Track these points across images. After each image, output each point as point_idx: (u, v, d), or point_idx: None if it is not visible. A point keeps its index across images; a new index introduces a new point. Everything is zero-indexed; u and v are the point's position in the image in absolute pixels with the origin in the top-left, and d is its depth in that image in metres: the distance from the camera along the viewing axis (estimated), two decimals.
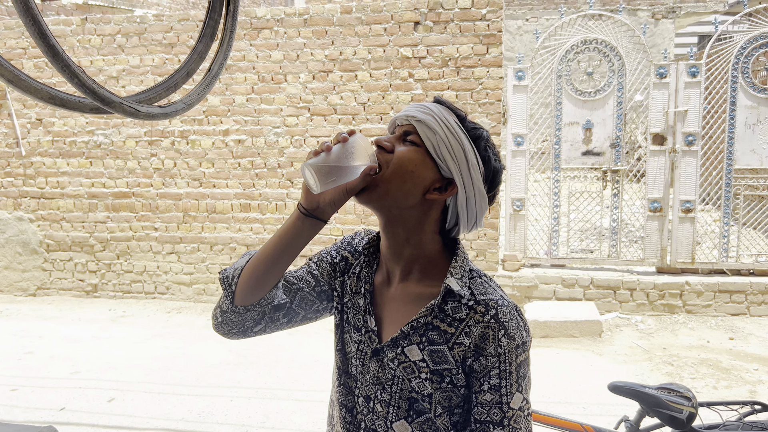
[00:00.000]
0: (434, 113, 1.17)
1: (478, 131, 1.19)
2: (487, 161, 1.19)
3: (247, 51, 6.16)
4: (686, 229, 5.93)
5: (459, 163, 1.15)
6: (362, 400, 1.23)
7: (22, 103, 6.64)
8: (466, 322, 1.14)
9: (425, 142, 1.15)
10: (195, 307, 6.42)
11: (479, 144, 1.18)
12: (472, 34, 5.77)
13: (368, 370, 1.22)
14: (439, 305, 1.16)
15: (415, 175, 1.15)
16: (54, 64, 1.13)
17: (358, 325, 1.26)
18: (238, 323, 1.28)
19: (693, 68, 5.78)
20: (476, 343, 1.12)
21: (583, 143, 6.03)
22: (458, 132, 1.16)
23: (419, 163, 1.16)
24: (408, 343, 1.17)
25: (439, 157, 1.15)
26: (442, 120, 1.16)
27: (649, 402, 2.13)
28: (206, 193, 6.42)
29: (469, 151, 1.16)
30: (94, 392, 4.37)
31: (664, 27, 13.56)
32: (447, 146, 1.15)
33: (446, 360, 1.14)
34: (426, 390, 1.15)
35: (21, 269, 6.88)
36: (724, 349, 5.09)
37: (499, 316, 1.13)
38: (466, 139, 1.17)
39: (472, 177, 1.16)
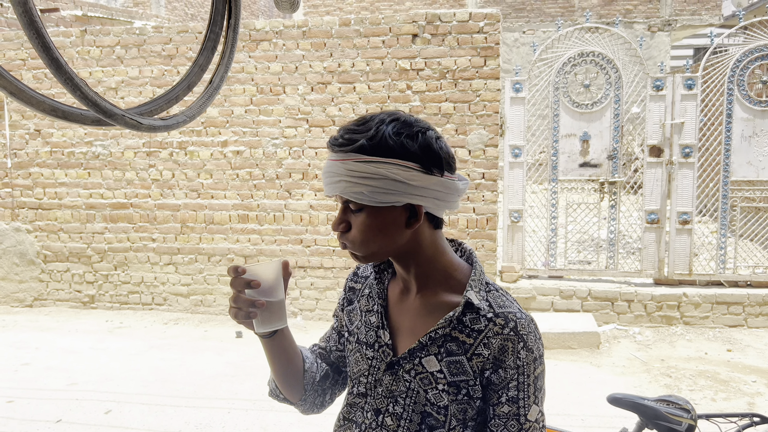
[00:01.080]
0: (342, 174, 1.12)
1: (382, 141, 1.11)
2: (412, 155, 1.12)
3: (246, 63, 6.19)
4: (683, 241, 5.95)
5: (400, 191, 1.11)
6: (371, 414, 1.23)
7: (21, 114, 6.65)
8: (485, 334, 1.14)
9: (364, 203, 1.13)
10: (192, 318, 6.41)
11: (393, 150, 1.11)
12: (469, 47, 5.80)
13: (381, 383, 1.22)
14: (459, 317, 1.17)
15: (383, 232, 1.15)
16: (57, 77, 1.13)
17: (370, 341, 1.26)
18: (309, 408, 1.41)
19: (689, 81, 5.82)
20: (495, 355, 1.13)
21: (580, 155, 6.05)
22: (371, 170, 1.10)
23: (377, 223, 1.14)
24: (426, 354, 1.17)
25: (383, 203, 1.12)
26: (351, 175, 1.11)
27: (648, 414, 2.13)
28: (204, 204, 6.42)
29: (394, 172, 1.10)
30: (91, 404, 4.35)
31: (660, 40, 13.65)
32: (378, 190, 1.11)
33: (464, 371, 1.15)
34: (442, 402, 1.16)
35: (18, 280, 6.86)
36: (722, 360, 5.09)
37: (518, 328, 1.13)
38: (382, 164, 1.10)
39: (419, 185, 1.12)
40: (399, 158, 1.11)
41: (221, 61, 1.60)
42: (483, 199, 5.93)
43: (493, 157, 5.89)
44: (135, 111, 1.39)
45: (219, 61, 1.59)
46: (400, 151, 1.11)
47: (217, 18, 1.58)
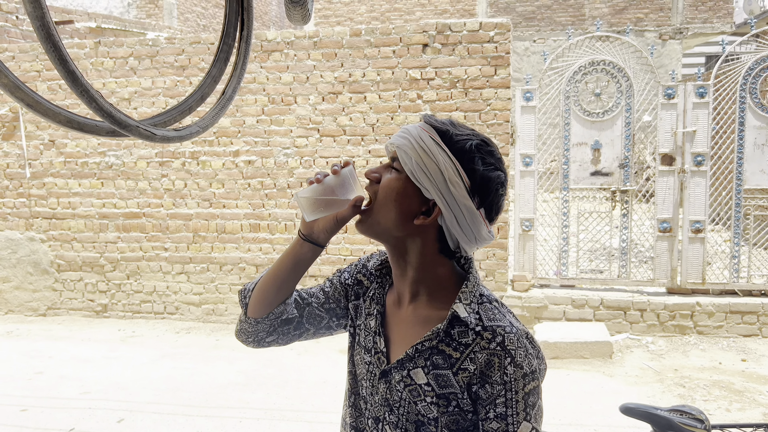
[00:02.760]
0: (411, 136, 1.15)
1: (462, 143, 1.14)
2: (472, 173, 1.13)
3: (258, 73, 6.24)
4: (696, 250, 5.91)
5: (437, 184, 1.12)
6: (372, 422, 1.24)
7: (36, 125, 6.72)
8: (472, 348, 1.12)
9: (404, 168, 1.15)
10: (204, 327, 6.43)
11: (463, 156, 1.14)
12: (480, 56, 5.81)
13: (377, 391, 1.22)
14: (446, 329, 1.15)
15: (398, 204, 1.16)
16: (73, 89, 1.15)
17: (368, 346, 1.27)
18: (252, 333, 1.34)
19: (701, 89, 5.80)
20: (481, 370, 1.11)
21: (591, 163, 6.04)
22: (433, 151, 1.13)
23: (401, 191, 1.16)
24: (413, 366, 1.17)
25: (417, 181, 1.14)
26: (417, 142, 1.14)
27: (661, 424, 2.12)
28: (216, 213, 6.45)
29: (447, 168, 1.12)
30: (104, 413, 4.37)
31: (672, 48, 13.61)
32: (423, 168, 1.13)
33: (451, 384, 1.13)
34: (432, 414, 1.15)
35: (32, 289, 6.92)
36: (737, 370, 5.04)
37: (505, 343, 1.11)
38: (444, 156, 1.13)
39: (454, 195, 1.12)
40: (461, 164, 1.13)
41: (234, 72, 1.62)
42: None
43: None
44: (149, 122, 1.41)
45: (232, 72, 1.61)
46: (467, 162, 1.13)
47: (230, 30, 1.60)
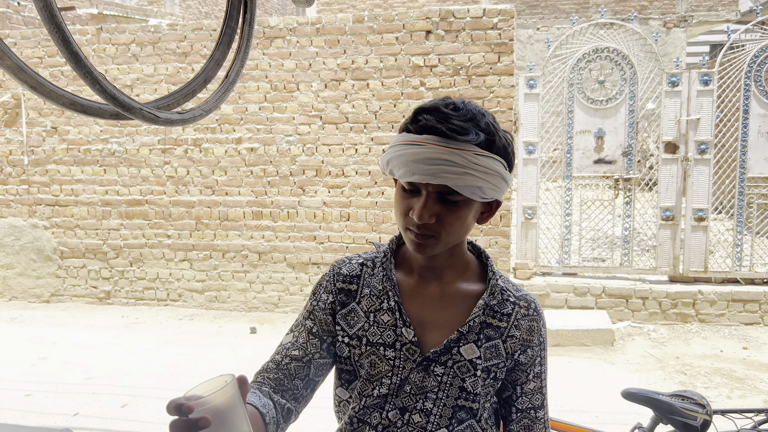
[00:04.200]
0: (468, 168, 1.08)
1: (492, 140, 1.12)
2: (508, 155, 1.16)
3: (260, 60, 6.22)
4: (699, 238, 5.90)
5: (502, 189, 1.16)
6: (395, 413, 1.20)
7: (38, 112, 6.72)
8: (515, 317, 1.22)
9: (472, 197, 1.11)
10: (207, 314, 6.45)
11: (506, 146, 1.15)
12: (483, 43, 5.79)
13: (408, 382, 1.19)
14: (488, 303, 1.22)
15: (468, 225, 1.17)
16: (77, 71, 1.15)
17: (389, 341, 1.21)
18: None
19: (705, 76, 5.77)
20: (525, 336, 1.22)
21: (594, 151, 6.03)
22: (494, 167, 1.11)
23: (470, 217, 1.16)
24: (464, 342, 1.19)
25: (487, 197, 1.14)
26: (479, 170, 1.09)
27: (662, 409, 2.13)
28: (219, 200, 6.46)
29: (504, 172, 1.13)
30: (108, 398, 4.39)
31: (676, 36, 13.53)
32: (493, 187, 1.12)
33: (499, 354, 1.21)
34: (477, 388, 1.19)
35: (35, 276, 6.94)
36: (738, 358, 5.05)
37: (538, 309, 1.25)
38: (496, 164, 1.12)
39: (509, 183, 1.17)
40: (500, 157, 1.14)
41: (237, 55, 1.61)
42: None
43: None
44: (152, 105, 1.41)
45: (235, 55, 1.61)
46: (503, 150, 1.14)
47: (233, 13, 1.59)
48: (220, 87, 1.59)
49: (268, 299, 6.44)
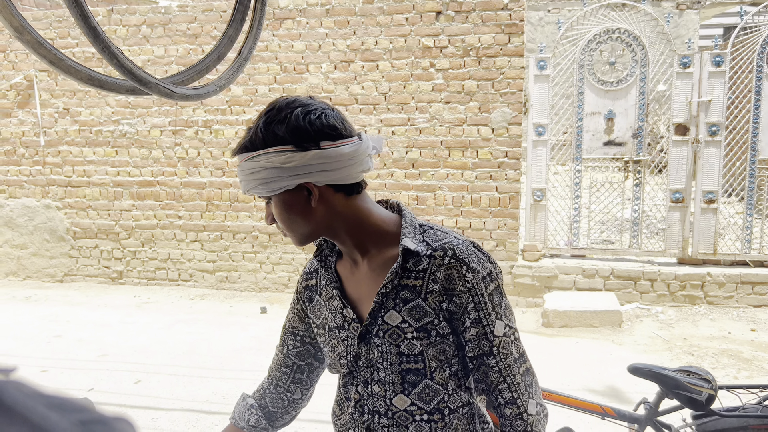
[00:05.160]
0: (241, 175, 1.22)
1: (257, 135, 1.19)
2: (282, 139, 1.17)
3: (270, 41, 6.22)
4: (708, 220, 5.90)
5: (281, 177, 1.17)
6: (360, 387, 1.28)
7: (50, 93, 6.77)
8: (430, 270, 1.19)
9: (263, 195, 1.22)
10: (218, 294, 6.52)
11: (266, 140, 1.17)
12: (493, 24, 5.77)
13: (359, 357, 1.27)
14: (402, 265, 1.21)
15: (291, 215, 1.22)
16: (95, 45, 1.18)
17: (339, 323, 1.30)
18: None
19: (717, 57, 5.73)
20: (444, 286, 1.18)
21: (604, 133, 6.01)
22: (251, 166, 1.18)
23: (282, 208, 1.22)
24: (385, 311, 1.22)
25: (275, 191, 1.19)
26: (246, 174, 1.20)
27: (668, 384, 2.16)
28: (229, 182, 6.50)
29: (272, 160, 1.16)
30: (121, 374, 4.47)
31: (689, 18, 13.39)
32: (265, 182, 1.18)
33: (425, 312, 1.19)
34: (416, 349, 1.20)
35: (49, 256, 7.03)
36: (746, 340, 5.07)
37: (457, 254, 1.18)
38: (260, 157, 1.17)
39: (296, 165, 1.16)
40: (272, 146, 1.17)
41: (249, 32, 1.64)
42: (506, 178, 5.92)
43: (516, 136, 5.87)
44: (168, 80, 1.44)
45: (247, 32, 1.63)
46: (272, 140, 1.17)
47: None
48: (233, 63, 1.62)
49: (278, 280, 6.50)
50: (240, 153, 1.21)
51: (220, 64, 1.64)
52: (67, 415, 0.29)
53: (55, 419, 0.28)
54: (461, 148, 5.97)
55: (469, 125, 5.93)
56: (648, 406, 2.29)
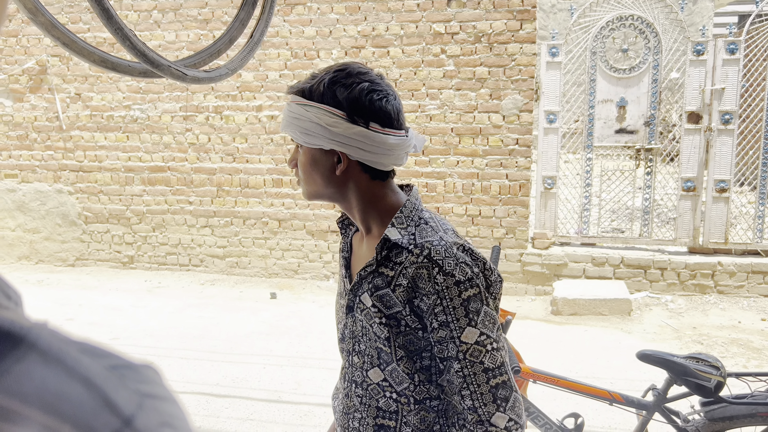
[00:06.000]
0: (284, 114, 1.26)
1: (316, 86, 1.22)
2: (338, 104, 1.19)
3: (281, 27, 6.21)
4: (720, 209, 5.86)
5: (322, 135, 1.19)
6: (345, 355, 1.34)
7: (62, 78, 6.79)
8: (403, 264, 1.20)
9: (296, 141, 1.25)
10: (228, 279, 6.56)
11: (324, 97, 1.20)
12: (505, 10, 5.73)
13: (347, 326, 1.32)
14: (384, 254, 1.23)
15: (314, 170, 1.25)
16: (108, 27, 1.18)
17: (341, 290, 1.37)
18: None
19: (732, 45, 5.67)
20: (412, 283, 1.17)
21: (616, 121, 5.98)
22: (300, 112, 1.21)
23: (309, 161, 1.25)
24: (362, 291, 1.26)
25: (310, 144, 1.22)
26: (288, 115, 1.24)
27: (677, 370, 2.16)
28: (239, 168, 6.52)
29: (318, 116, 1.19)
30: (132, 358, 4.51)
31: (704, 5, 13.24)
32: (305, 132, 1.21)
33: (394, 303, 1.20)
34: (383, 334, 1.22)
35: (60, 240, 7.09)
36: (756, 329, 5.05)
37: (432, 255, 1.16)
38: (311, 108, 1.20)
39: (340, 132, 1.19)
40: (327, 104, 1.20)
41: (261, 15, 1.64)
42: (516, 165, 5.91)
43: (527, 123, 5.85)
44: (180, 63, 1.44)
45: (259, 15, 1.63)
46: (330, 99, 1.20)
47: None
48: (245, 47, 1.62)
49: (288, 266, 6.53)
50: (295, 94, 1.25)
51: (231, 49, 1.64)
52: (98, 360, 0.31)
53: (87, 362, 0.30)
54: (472, 135, 5.95)
55: (479, 112, 5.91)
56: (656, 393, 2.29)
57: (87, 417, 0.28)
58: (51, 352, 0.30)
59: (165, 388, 0.35)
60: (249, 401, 3.87)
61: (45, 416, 0.27)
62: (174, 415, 0.33)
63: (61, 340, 0.31)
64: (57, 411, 0.28)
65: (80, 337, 0.33)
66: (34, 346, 0.29)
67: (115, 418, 0.29)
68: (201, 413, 3.71)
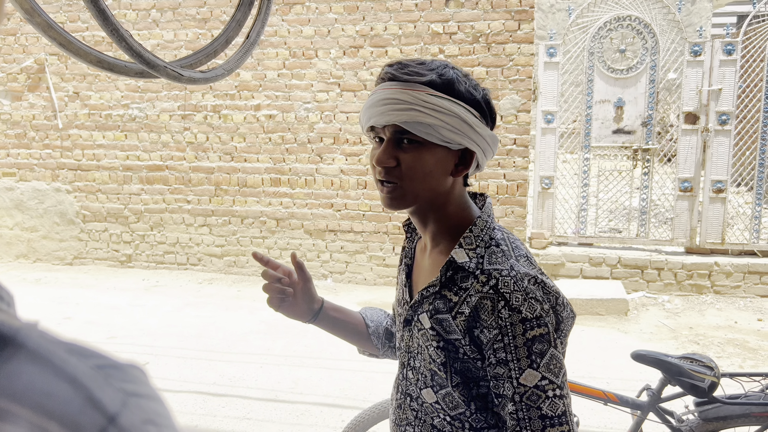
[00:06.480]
0: (417, 105, 1.08)
1: (452, 80, 1.11)
2: (476, 104, 1.12)
3: (279, 26, 6.22)
4: (717, 210, 5.88)
5: (467, 134, 1.11)
6: (400, 366, 1.28)
7: (60, 77, 6.79)
8: (468, 291, 1.10)
9: (427, 138, 1.10)
10: (226, 278, 6.57)
11: (462, 95, 1.11)
12: (503, 10, 5.74)
13: (403, 338, 1.25)
14: (448, 275, 1.14)
15: (432, 173, 1.12)
16: (104, 28, 1.19)
17: (400, 298, 1.30)
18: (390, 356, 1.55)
19: (729, 46, 5.68)
20: (475, 314, 1.08)
21: (614, 121, 5.99)
22: (445, 105, 1.08)
23: (431, 162, 1.11)
24: (421, 311, 1.17)
25: (447, 141, 1.10)
26: (429, 108, 1.08)
27: (671, 370, 2.17)
28: (237, 167, 6.52)
29: (467, 116, 1.10)
30: (130, 356, 4.52)
31: (702, 6, 13.26)
32: (449, 128, 1.09)
33: (453, 330, 1.11)
34: (439, 359, 1.14)
35: (58, 239, 7.09)
36: (752, 329, 5.06)
37: (498, 286, 1.06)
38: (453, 104, 1.09)
39: (480, 133, 1.12)
40: (468, 103, 1.12)
41: (257, 16, 1.65)
42: (514, 165, 5.92)
43: (525, 123, 5.86)
44: (176, 63, 1.45)
45: (256, 15, 1.64)
46: (468, 97, 1.11)
47: None
48: (241, 47, 1.63)
49: (286, 265, 6.52)
50: (424, 85, 1.10)
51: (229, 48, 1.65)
52: (85, 360, 0.32)
53: (74, 362, 0.31)
54: None
55: None
56: (651, 393, 2.30)
57: (73, 415, 0.29)
58: (39, 352, 0.31)
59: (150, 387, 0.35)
60: (246, 400, 3.88)
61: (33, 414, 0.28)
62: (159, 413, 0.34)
63: (49, 341, 0.32)
64: (45, 409, 0.29)
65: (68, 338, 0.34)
66: (23, 347, 0.30)
67: (100, 415, 0.30)
68: (198, 412, 3.72)
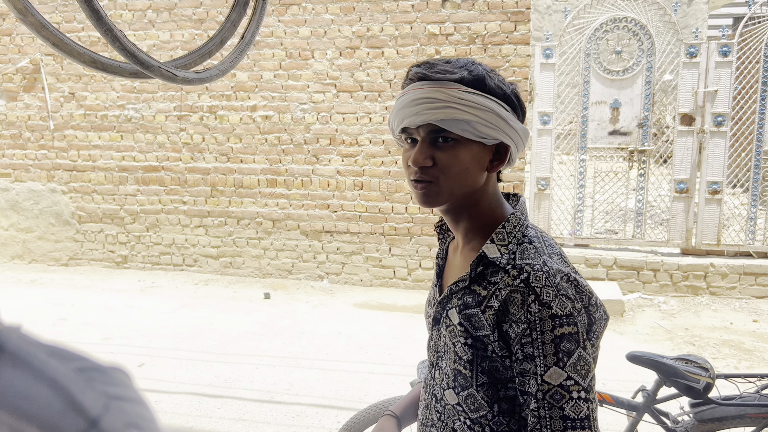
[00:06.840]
0: (452, 103, 1.09)
1: (482, 77, 1.12)
2: (508, 99, 1.13)
3: (275, 27, 6.21)
4: (712, 211, 5.89)
5: (502, 129, 1.11)
6: (429, 366, 1.27)
7: (56, 77, 6.77)
8: (498, 285, 1.09)
9: (463, 135, 1.10)
10: (222, 279, 6.55)
11: (494, 90, 1.12)
12: (500, 11, 5.74)
13: (432, 338, 1.25)
14: (478, 270, 1.13)
15: (468, 169, 1.13)
16: (97, 28, 1.19)
17: (430, 299, 1.30)
18: None
19: (725, 47, 5.70)
20: (504, 307, 1.06)
21: (610, 123, 6.00)
22: (480, 101, 1.09)
23: (468, 159, 1.12)
24: (450, 307, 1.16)
25: (484, 137, 1.11)
26: (464, 105, 1.09)
27: (666, 372, 2.17)
28: (234, 168, 6.51)
29: (501, 110, 1.11)
30: (125, 357, 4.51)
31: (698, 7, 13.28)
32: (486, 124, 1.10)
33: (482, 325, 1.09)
34: (466, 356, 1.12)
35: (54, 240, 7.07)
36: (748, 330, 5.07)
37: (530, 280, 1.05)
38: (488, 100, 1.10)
39: (514, 126, 1.13)
40: (499, 98, 1.12)
41: (252, 17, 1.65)
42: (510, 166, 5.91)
43: None
44: (170, 64, 1.45)
45: (251, 16, 1.64)
46: (498, 92, 1.12)
47: None
48: (236, 48, 1.62)
49: (281, 266, 6.52)
50: (455, 82, 1.10)
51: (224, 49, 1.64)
52: (66, 363, 0.32)
53: (55, 365, 0.31)
54: None
55: None
56: (646, 394, 2.30)
57: (53, 418, 0.29)
58: (19, 354, 0.30)
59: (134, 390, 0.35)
60: (241, 401, 3.87)
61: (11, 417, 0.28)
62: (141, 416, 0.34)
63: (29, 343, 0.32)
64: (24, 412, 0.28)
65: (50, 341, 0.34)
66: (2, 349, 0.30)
67: (81, 419, 0.30)
68: (193, 413, 3.71)
